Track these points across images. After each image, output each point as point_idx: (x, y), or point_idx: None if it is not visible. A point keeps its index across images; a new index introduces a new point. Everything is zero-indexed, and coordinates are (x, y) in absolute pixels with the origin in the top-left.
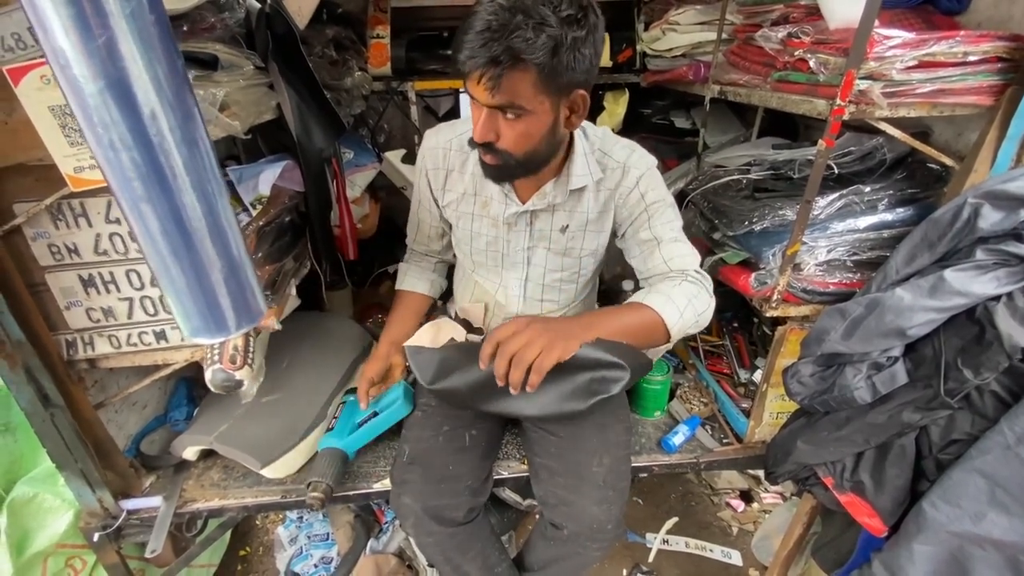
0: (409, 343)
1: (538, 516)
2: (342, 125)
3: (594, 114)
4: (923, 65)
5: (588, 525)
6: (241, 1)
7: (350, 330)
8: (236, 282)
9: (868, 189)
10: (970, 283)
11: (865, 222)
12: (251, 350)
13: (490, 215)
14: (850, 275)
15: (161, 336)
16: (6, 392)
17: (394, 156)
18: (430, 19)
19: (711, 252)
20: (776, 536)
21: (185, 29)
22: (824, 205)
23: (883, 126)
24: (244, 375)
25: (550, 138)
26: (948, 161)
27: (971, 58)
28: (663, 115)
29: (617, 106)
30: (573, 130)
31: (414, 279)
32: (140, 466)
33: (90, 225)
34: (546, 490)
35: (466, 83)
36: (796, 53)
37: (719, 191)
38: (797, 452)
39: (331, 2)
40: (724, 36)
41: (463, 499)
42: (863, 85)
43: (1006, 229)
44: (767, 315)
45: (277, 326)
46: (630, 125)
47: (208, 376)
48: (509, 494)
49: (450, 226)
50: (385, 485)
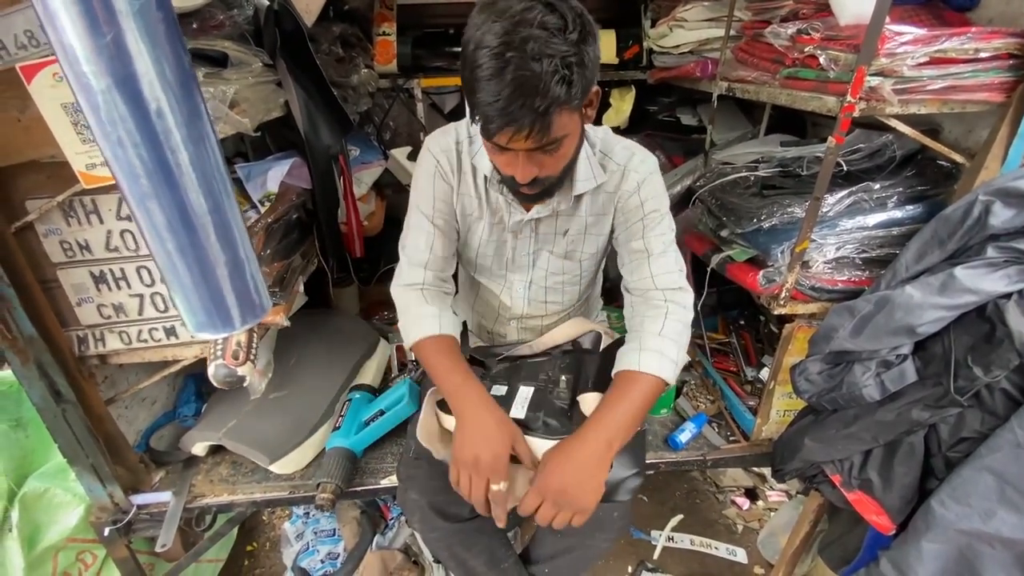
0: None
1: None
2: (349, 122)
3: (601, 111)
4: (934, 62)
5: (595, 514)
6: None
7: (357, 327)
8: (241, 278)
9: (878, 186)
10: (980, 281)
11: (874, 219)
12: (254, 346)
13: (498, 221)
14: (859, 272)
15: (171, 332)
16: (18, 387)
17: (400, 153)
18: (436, 16)
19: (718, 249)
20: (782, 534)
21: (195, 26)
22: (833, 202)
23: (893, 123)
24: (246, 371)
25: (580, 143)
26: (958, 158)
27: (982, 55)
28: (670, 112)
29: (623, 103)
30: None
31: (449, 320)
32: (150, 461)
33: (101, 222)
34: None
35: (496, 138)
36: (806, 49)
37: (727, 188)
38: (805, 450)
39: None
40: (732, 32)
41: None
42: (874, 82)
43: (1017, 227)
44: (775, 313)
45: (285, 323)
46: (636, 122)
47: (211, 371)
48: None
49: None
50: (392, 481)
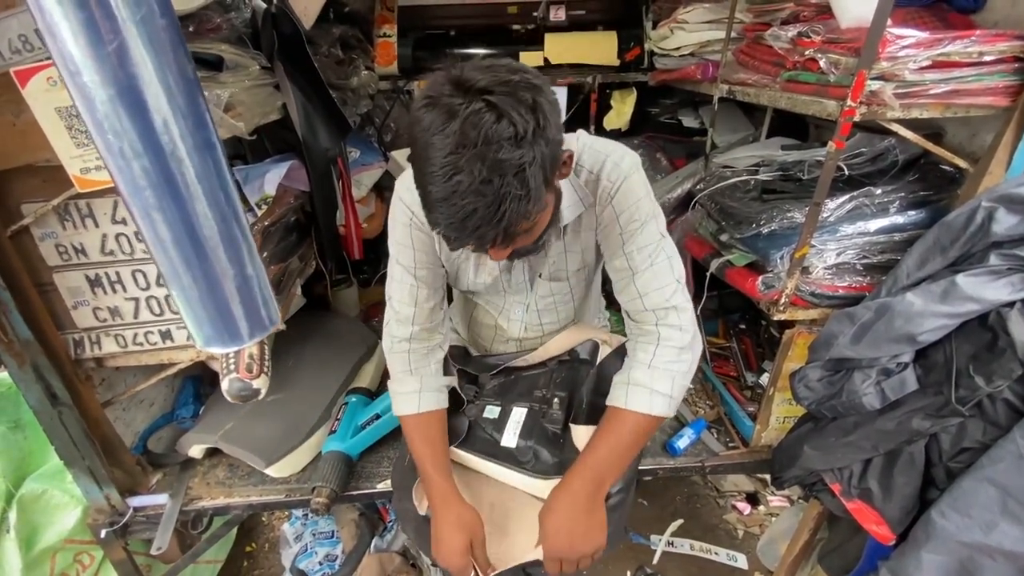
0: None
1: None
2: (348, 125)
3: (601, 113)
4: (937, 65)
5: None
6: (247, 1)
7: (355, 329)
8: (249, 291)
9: (879, 191)
10: (983, 288)
11: (876, 225)
12: (267, 358)
13: (484, 262)
14: (860, 279)
15: (167, 336)
16: (15, 390)
17: (400, 155)
18: (437, 18)
19: (718, 254)
20: (782, 540)
21: (191, 30)
22: (834, 207)
23: (895, 127)
24: (261, 383)
25: (557, 205)
26: (962, 163)
27: (987, 58)
28: (671, 114)
29: (625, 105)
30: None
31: (430, 394)
32: (147, 464)
33: (96, 225)
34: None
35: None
36: (806, 52)
37: (727, 192)
38: (804, 457)
39: (338, 1)
40: (733, 35)
41: None
42: (875, 86)
43: (1021, 234)
44: (774, 318)
45: (282, 326)
46: (638, 124)
47: (225, 386)
48: None
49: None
50: (388, 486)
